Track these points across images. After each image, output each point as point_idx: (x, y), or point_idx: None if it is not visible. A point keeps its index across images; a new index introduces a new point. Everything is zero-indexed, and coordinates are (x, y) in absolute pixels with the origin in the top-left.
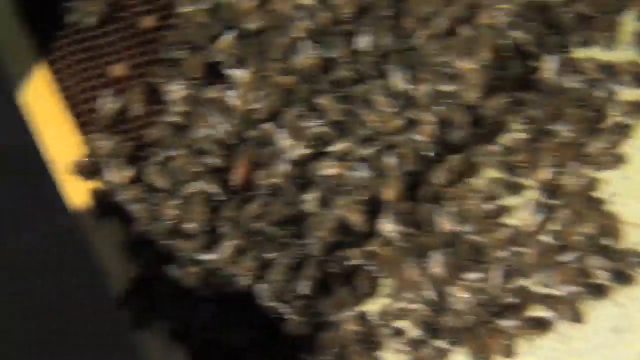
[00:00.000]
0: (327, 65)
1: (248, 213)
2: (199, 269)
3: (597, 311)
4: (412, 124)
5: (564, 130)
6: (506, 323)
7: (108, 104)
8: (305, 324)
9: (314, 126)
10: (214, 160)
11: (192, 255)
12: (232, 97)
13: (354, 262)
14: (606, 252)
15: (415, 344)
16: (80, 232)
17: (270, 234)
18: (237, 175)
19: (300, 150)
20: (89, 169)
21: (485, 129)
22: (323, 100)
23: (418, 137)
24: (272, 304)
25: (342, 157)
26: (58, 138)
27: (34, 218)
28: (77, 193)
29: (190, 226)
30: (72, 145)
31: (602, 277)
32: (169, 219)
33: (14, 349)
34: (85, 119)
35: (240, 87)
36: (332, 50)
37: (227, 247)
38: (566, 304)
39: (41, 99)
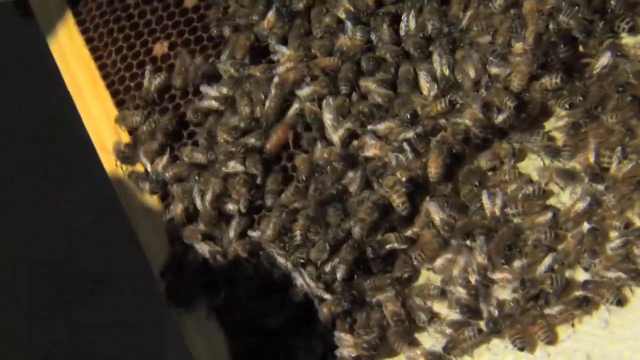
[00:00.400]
0: (371, 46)
1: (286, 197)
2: (239, 245)
3: (639, 298)
4: (456, 107)
5: (608, 116)
6: (548, 310)
7: (153, 78)
8: (343, 305)
9: (358, 106)
10: (253, 140)
11: (233, 233)
12: (276, 76)
13: (391, 246)
14: None
15: (455, 326)
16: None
17: (311, 214)
18: (272, 142)
19: (342, 130)
20: (128, 151)
21: (529, 114)
22: (366, 82)
23: (462, 121)
24: (311, 284)
25: (384, 138)
26: (97, 115)
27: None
28: (116, 172)
29: (231, 207)
30: (111, 122)
31: None
32: (211, 196)
33: None
34: (122, 97)
35: (284, 65)
36: (376, 32)
37: (267, 226)
38: (609, 289)
39: (79, 77)
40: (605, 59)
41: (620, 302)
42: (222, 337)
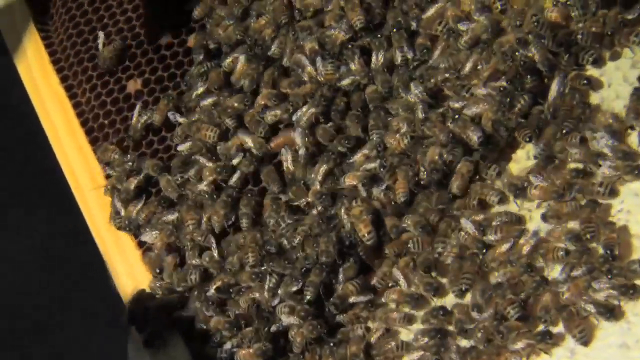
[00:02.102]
0: (341, 79)
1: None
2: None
3: (605, 327)
4: (423, 139)
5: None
6: (512, 346)
7: (140, 116)
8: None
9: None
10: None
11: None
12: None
13: (352, 299)
14: (616, 266)
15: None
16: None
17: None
18: (276, 142)
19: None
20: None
21: (496, 145)
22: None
23: (427, 156)
24: (283, 314)
25: (358, 168)
26: (72, 153)
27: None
28: (92, 210)
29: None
30: (87, 160)
31: (610, 294)
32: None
33: None
34: (97, 134)
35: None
36: (346, 66)
37: (235, 258)
38: (575, 321)
39: (54, 115)
40: (556, 86)
41: (586, 343)
42: None
